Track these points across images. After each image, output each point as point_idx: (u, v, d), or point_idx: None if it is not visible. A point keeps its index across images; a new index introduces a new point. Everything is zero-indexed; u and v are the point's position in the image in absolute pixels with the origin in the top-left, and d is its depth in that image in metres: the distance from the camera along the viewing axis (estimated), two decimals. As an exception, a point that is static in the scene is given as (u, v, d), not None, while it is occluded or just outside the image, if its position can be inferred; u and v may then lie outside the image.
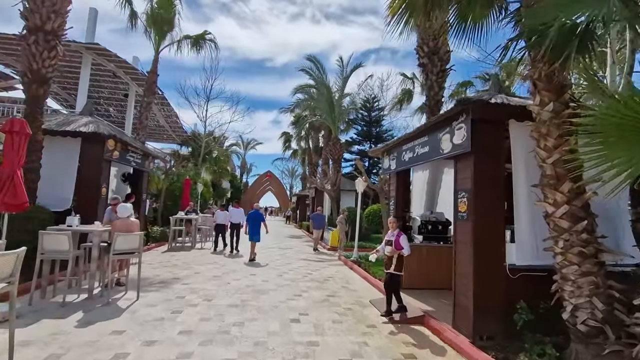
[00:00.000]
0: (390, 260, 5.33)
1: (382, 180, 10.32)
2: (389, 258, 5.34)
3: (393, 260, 5.29)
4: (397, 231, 5.40)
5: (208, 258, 10.34)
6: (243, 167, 51.01)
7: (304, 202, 30.41)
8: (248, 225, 10.43)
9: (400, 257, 5.29)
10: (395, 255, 5.27)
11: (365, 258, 11.05)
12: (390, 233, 5.44)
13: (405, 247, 5.22)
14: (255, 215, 10.66)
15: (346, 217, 13.18)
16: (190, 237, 12.67)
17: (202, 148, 22.10)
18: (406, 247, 5.22)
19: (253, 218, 10.57)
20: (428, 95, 8.40)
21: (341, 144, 19.42)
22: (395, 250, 5.25)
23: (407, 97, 19.64)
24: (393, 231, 5.42)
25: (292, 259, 11.30)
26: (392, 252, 5.27)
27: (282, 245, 15.20)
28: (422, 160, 5.79)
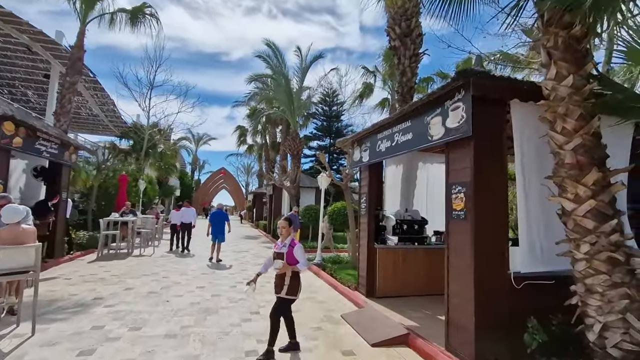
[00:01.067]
0: (281, 280, 3.84)
1: (348, 176, 9.46)
2: (279, 277, 3.86)
3: (286, 280, 3.81)
4: (290, 239, 3.93)
5: (146, 267, 8.73)
6: (194, 163, 47.83)
7: (261, 200, 28.92)
8: (211, 226, 10.01)
9: (296, 275, 3.89)
10: (289, 272, 3.83)
11: (330, 261, 10.16)
12: (279, 243, 3.96)
13: (301, 260, 3.84)
14: (219, 215, 10.24)
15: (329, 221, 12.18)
16: (127, 242, 10.83)
17: (144, 141, 19.75)
18: (302, 260, 3.85)
19: (216, 217, 10.12)
20: (400, 82, 7.67)
21: (300, 138, 18.35)
22: (287, 265, 3.79)
23: (368, 92, 19.12)
24: (284, 239, 3.93)
25: (249, 264, 10.04)
26: (284, 268, 3.78)
27: (237, 247, 13.80)
28: (404, 150, 4.93)
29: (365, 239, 6.42)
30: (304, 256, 3.89)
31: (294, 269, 3.85)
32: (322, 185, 10.59)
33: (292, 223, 4.12)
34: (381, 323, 4.83)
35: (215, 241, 9.99)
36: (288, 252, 3.82)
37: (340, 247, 13.62)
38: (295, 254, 3.84)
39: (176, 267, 9.01)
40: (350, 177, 9.48)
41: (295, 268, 3.85)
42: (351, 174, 9.39)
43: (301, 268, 3.88)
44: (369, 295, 6.19)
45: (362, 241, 6.55)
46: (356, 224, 9.80)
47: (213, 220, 10.09)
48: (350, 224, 9.63)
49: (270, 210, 20.03)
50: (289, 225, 3.98)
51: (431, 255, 6.54)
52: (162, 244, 13.82)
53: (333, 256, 10.73)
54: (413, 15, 7.55)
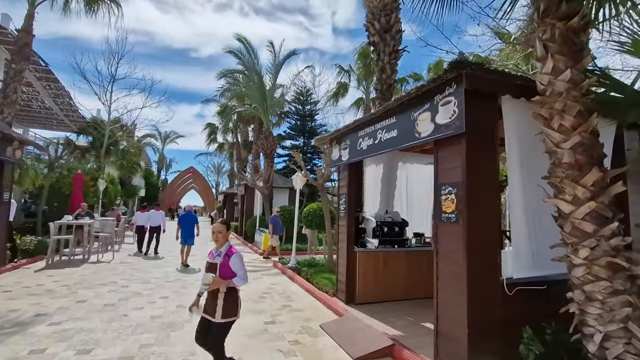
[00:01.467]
0: (214, 300, 3.04)
1: (324, 176, 9.11)
2: (212, 295, 3.08)
3: (219, 300, 3.02)
4: (226, 247, 3.15)
5: (104, 275, 7.90)
6: (161, 162, 45.69)
7: (232, 200, 27.96)
8: (180, 228, 9.59)
9: (232, 292, 3.08)
10: (223, 289, 3.03)
11: (305, 264, 9.76)
12: (214, 251, 3.20)
13: (239, 273, 3.06)
14: (188, 217, 9.82)
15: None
16: (83, 247, 9.84)
17: (105, 137, 18.38)
18: (241, 273, 3.07)
19: (186, 220, 9.72)
20: (380, 79, 7.43)
21: (274, 137, 17.79)
22: (220, 280, 3.00)
23: (342, 91, 18.93)
24: (220, 247, 3.16)
25: (218, 269, 9.42)
26: (215, 283, 2.97)
27: (207, 251, 13.06)
28: (388, 148, 4.64)
29: (344, 242, 6.10)
30: (243, 268, 3.10)
31: (230, 284, 3.02)
32: (297, 185, 10.17)
33: (229, 226, 3.38)
34: (364, 334, 4.50)
35: (184, 244, 9.58)
36: (222, 263, 3.04)
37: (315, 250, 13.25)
38: (232, 265, 3.04)
39: (138, 274, 8.24)
40: (327, 177, 9.14)
41: (231, 283, 3.01)
42: (327, 173, 9.05)
43: (238, 283, 3.04)
44: (349, 302, 5.87)
45: (341, 244, 6.22)
46: (333, 226, 9.49)
47: (182, 223, 9.68)
48: (327, 226, 9.30)
49: (242, 211, 19.31)
50: (226, 229, 3.22)
51: (412, 258, 6.34)
52: (124, 248, 12.81)
53: (308, 259, 10.34)
54: (392, 10, 7.33)
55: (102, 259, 10.13)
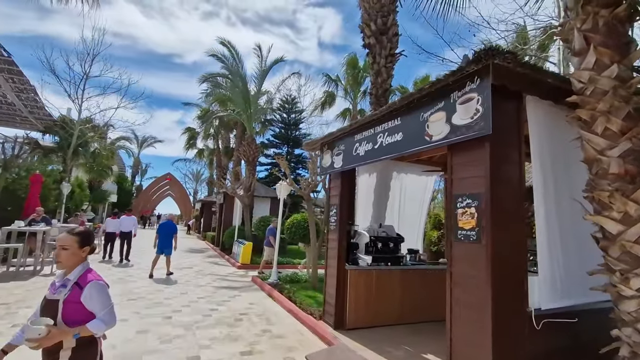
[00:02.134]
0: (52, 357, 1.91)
1: (310, 185, 8.49)
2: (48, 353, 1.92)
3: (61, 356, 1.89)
4: (78, 273, 2.06)
5: (55, 292, 6.87)
6: (136, 167, 43.70)
7: (210, 209, 26.76)
8: (158, 237, 9.29)
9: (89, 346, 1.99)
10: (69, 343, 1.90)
11: (287, 280, 9.01)
12: (56, 282, 2.10)
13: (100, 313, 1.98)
14: (168, 226, 9.52)
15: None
16: (35, 257, 8.68)
17: (73, 137, 17.09)
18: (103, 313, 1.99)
19: (165, 229, 9.42)
20: (375, 83, 6.96)
21: (257, 144, 17.07)
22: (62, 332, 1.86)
23: (330, 100, 18.55)
24: (67, 274, 2.07)
25: (191, 284, 8.52)
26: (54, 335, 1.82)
27: (179, 263, 12.03)
28: (392, 154, 4.08)
29: (334, 258, 5.45)
30: (107, 304, 2.03)
31: (82, 332, 1.90)
32: (281, 195, 9.49)
33: (90, 240, 2.19)
34: (359, 369, 3.84)
35: (160, 254, 9.23)
36: (69, 299, 1.94)
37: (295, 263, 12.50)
38: (85, 300, 1.96)
39: (96, 290, 7.24)
40: (313, 186, 8.52)
41: (84, 331, 1.90)
42: (314, 183, 8.43)
43: (97, 329, 1.94)
44: (338, 327, 5.19)
45: (331, 261, 5.56)
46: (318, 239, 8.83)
47: (161, 232, 9.33)
48: (312, 239, 8.63)
49: (220, 220, 18.30)
50: (79, 244, 2.09)
51: (407, 277, 5.76)
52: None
53: (290, 274, 9.60)
54: (390, 12, 6.95)
55: (57, 270, 8.98)
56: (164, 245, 9.22)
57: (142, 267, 10.80)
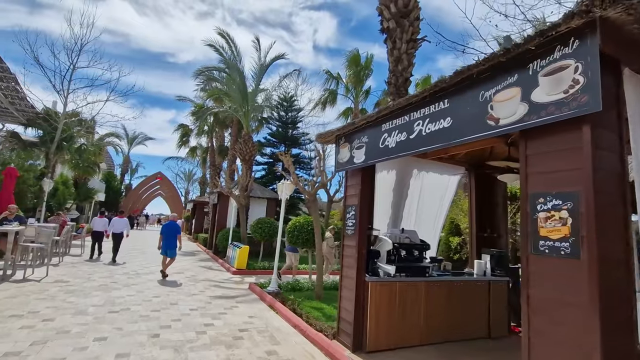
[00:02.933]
0: None
1: (317, 185, 7.72)
2: None
3: None
4: None
5: (24, 301, 5.96)
6: (125, 165, 42.38)
7: (202, 209, 25.77)
8: (162, 239, 9.21)
9: None
10: None
11: (288, 288, 8.22)
12: None
13: None
14: (171, 227, 9.40)
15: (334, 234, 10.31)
16: (5, 261, 7.70)
17: (57, 131, 16.04)
18: None
19: (168, 230, 9.31)
20: (394, 71, 6.24)
21: (254, 142, 16.25)
22: None
23: (331, 98, 17.83)
24: None
25: (182, 293, 7.66)
26: None
27: (170, 267, 11.13)
28: (436, 144, 3.33)
29: (352, 268, 4.68)
30: None
31: None
32: (283, 194, 8.69)
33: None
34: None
35: (165, 255, 9.20)
36: None
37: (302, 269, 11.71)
38: None
39: (73, 299, 6.35)
40: (321, 185, 7.74)
41: None
42: (323, 182, 7.66)
43: None
44: (357, 349, 4.42)
45: (348, 271, 4.80)
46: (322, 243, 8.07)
47: (165, 233, 9.24)
48: (317, 243, 7.85)
49: (214, 221, 17.39)
50: None
51: (433, 290, 5.03)
52: (67, 261, 10.63)
53: (291, 281, 8.80)
54: (412, -7, 6.25)
55: (31, 275, 8.04)
56: (168, 247, 9.19)
57: (128, 270, 9.89)
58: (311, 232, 8.90)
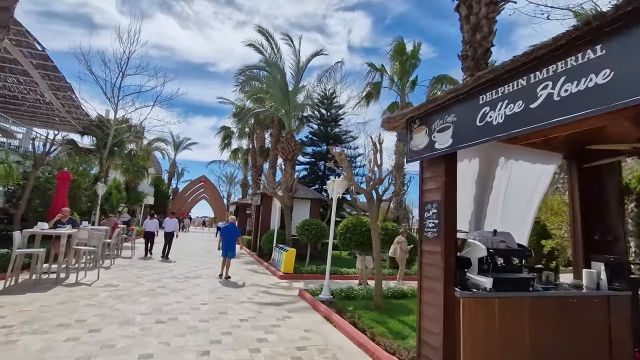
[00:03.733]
0: None
1: (376, 181, 6.84)
2: None
3: None
4: None
5: (73, 307, 5.71)
6: (172, 170, 44.19)
7: (244, 211, 25.86)
8: (222, 240, 9.69)
9: None
10: None
11: (342, 295, 7.43)
12: None
13: None
14: (230, 230, 9.81)
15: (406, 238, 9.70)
16: (59, 264, 7.67)
17: (109, 137, 16.60)
18: None
19: (228, 232, 9.71)
20: (471, 41, 5.21)
21: (296, 141, 15.71)
22: None
23: (375, 92, 16.83)
24: None
25: (231, 300, 7.14)
26: None
27: (215, 272, 10.81)
28: (583, 111, 2.34)
29: (437, 280, 3.76)
30: None
31: None
32: (334, 193, 7.91)
33: None
34: None
35: (225, 257, 9.58)
36: None
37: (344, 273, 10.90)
38: None
39: (121, 306, 6.02)
40: (378, 182, 6.85)
41: None
42: (380, 178, 6.77)
43: None
44: (448, 383, 3.49)
45: (431, 283, 3.88)
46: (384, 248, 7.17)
47: (224, 235, 9.68)
48: (375, 246, 6.98)
49: (257, 223, 17.10)
50: None
51: (539, 309, 3.95)
52: (118, 264, 10.67)
53: (344, 288, 7.97)
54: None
55: (83, 279, 7.97)
56: (228, 248, 9.51)
57: (176, 274, 9.65)
58: (365, 234, 8.04)
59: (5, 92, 15.65)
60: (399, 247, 9.95)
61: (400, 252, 9.93)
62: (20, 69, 13.69)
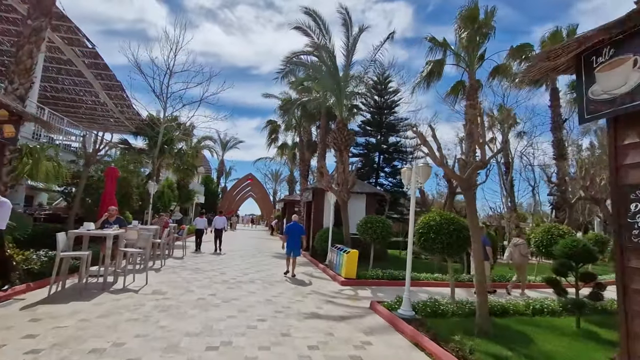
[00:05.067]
0: None
1: (478, 164, 5.17)
2: None
3: None
4: None
5: (114, 322, 4.82)
6: (221, 169, 45.01)
7: (292, 208, 24.97)
8: (287, 238, 9.81)
9: None
10: None
11: (425, 310, 5.91)
12: None
13: None
14: (295, 228, 9.79)
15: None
16: (106, 267, 7.00)
17: (159, 135, 16.43)
18: None
19: (292, 231, 9.73)
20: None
21: (349, 130, 14.27)
22: None
23: (437, 71, 14.80)
24: None
25: (292, 314, 5.92)
26: None
27: (266, 275, 9.75)
28: None
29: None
30: None
31: None
32: (413, 183, 6.34)
33: None
34: None
35: (290, 255, 9.57)
36: None
37: (424, 279, 9.29)
38: None
39: (167, 322, 5.04)
40: (481, 165, 5.15)
41: None
42: (483, 160, 5.08)
43: None
44: None
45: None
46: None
47: (290, 233, 9.74)
48: (475, 250, 5.33)
49: (309, 221, 15.96)
50: None
51: None
52: (167, 265, 10.04)
53: (427, 300, 6.37)
54: None
55: (131, 284, 7.26)
56: (294, 246, 9.48)
57: (227, 277, 8.72)
58: (454, 234, 6.39)
59: (65, 95, 16.10)
60: (518, 250, 8.22)
61: (519, 257, 8.26)
62: (74, 70, 13.85)
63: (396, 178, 18.00)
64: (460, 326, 5.39)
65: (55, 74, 14.14)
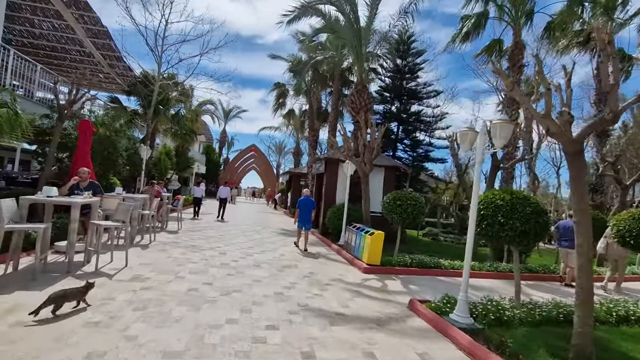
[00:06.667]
0: None
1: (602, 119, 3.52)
2: None
3: None
4: None
5: (67, 330, 3.34)
6: (222, 139, 43.20)
7: (298, 181, 23.42)
8: (299, 212, 9.54)
9: None
10: None
11: (483, 316, 4.44)
12: None
13: None
14: (307, 202, 9.59)
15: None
16: (69, 245, 5.46)
17: (154, 94, 14.59)
18: None
19: (304, 205, 9.53)
20: None
21: (369, 93, 12.39)
22: None
23: (477, 23, 12.65)
24: None
25: (310, 313, 4.44)
26: None
27: (276, 256, 8.32)
28: None
29: None
30: None
31: None
32: (478, 146, 4.65)
33: None
34: None
35: (302, 229, 9.45)
36: None
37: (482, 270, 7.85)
38: None
39: (139, 329, 3.56)
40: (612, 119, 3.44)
41: None
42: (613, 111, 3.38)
43: None
44: None
45: None
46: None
47: (301, 207, 9.54)
48: (580, 242, 3.74)
49: (319, 195, 14.41)
50: None
51: None
52: (158, 240, 8.56)
53: (491, 305, 4.86)
54: None
55: (106, 265, 5.79)
56: (305, 220, 9.39)
57: (228, 259, 7.20)
58: (532, 219, 4.79)
59: (44, 43, 14.11)
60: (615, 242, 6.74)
61: (618, 248, 6.81)
62: (52, 10, 11.83)
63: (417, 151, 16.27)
64: (537, 341, 3.96)
65: (30, 14, 12.13)
